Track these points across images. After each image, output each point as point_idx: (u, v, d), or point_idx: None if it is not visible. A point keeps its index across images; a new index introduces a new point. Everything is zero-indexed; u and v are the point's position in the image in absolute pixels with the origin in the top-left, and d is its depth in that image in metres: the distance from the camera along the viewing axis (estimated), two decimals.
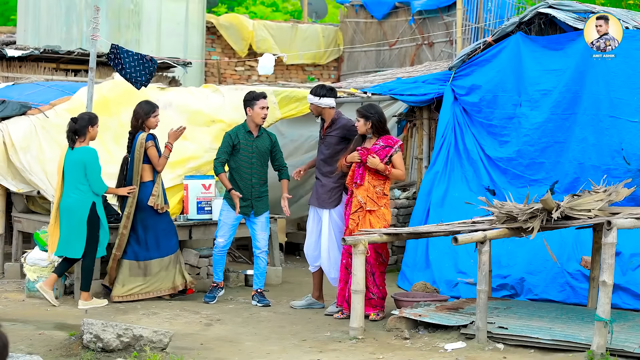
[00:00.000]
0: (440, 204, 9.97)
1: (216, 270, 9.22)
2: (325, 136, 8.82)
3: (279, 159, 9.19)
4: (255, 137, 9.03)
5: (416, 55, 17.08)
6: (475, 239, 7.21)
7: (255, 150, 9.02)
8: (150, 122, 8.96)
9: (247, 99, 9.04)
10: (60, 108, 10.14)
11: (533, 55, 9.55)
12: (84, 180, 8.62)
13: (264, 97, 9.05)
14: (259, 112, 8.97)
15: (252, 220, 9.13)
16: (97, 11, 9.04)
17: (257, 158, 9.03)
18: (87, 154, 8.65)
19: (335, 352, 7.08)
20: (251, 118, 9.01)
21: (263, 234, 9.14)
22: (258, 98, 8.99)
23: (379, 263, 8.36)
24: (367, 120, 8.36)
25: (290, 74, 18.57)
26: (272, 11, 25.24)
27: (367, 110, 8.41)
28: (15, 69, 13.42)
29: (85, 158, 8.62)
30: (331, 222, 8.73)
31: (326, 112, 8.80)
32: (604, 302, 6.70)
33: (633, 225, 7.05)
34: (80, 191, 8.63)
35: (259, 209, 9.09)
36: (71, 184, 8.64)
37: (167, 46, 15.71)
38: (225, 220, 9.12)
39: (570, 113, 9.31)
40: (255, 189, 9.04)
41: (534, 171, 9.54)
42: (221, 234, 9.13)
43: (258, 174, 9.05)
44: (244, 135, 9.02)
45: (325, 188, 8.73)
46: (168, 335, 6.75)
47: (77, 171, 8.62)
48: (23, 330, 7.41)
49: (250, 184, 9.03)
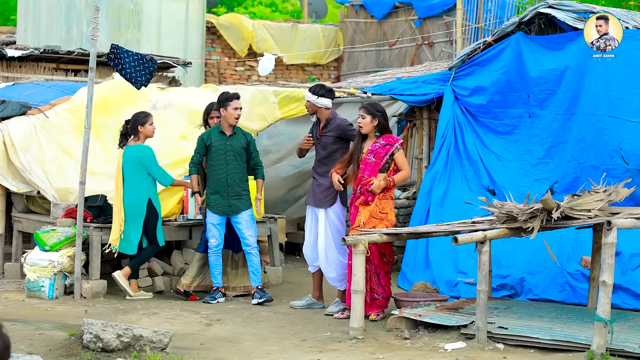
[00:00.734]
0: (440, 204, 9.96)
1: (214, 273, 9.20)
2: (321, 137, 8.84)
3: (254, 158, 9.27)
4: (228, 136, 9.11)
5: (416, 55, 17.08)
6: (475, 239, 7.21)
7: (230, 150, 9.10)
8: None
9: (220, 99, 9.17)
10: (60, 108, 10.14)
11: (534, 55, 9.55)
12: (139, 178, 9.00)
13: (237, 97, 9.14)
14: (232, 112, 9.07)
15: (235, 220, 9.15)
16: (97, 11, 9.04)
17: (232, 157, 9.11)
18: (141, 152, 9.03)
19: (335, 352, 7.08)
20: (224, 118, 9.13)
21: (249, 231, 9.16)
22: (231, 99, 9.09)
23: (384, 263, 8.35)
24: (374, 118, 8.33)
25: (290, 74, 18.57)
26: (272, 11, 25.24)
27: (374, 107, 8.39)
28: (15, 69, 13.42)
29: (139, 155, 9.00)
30: (328, 222, 8.74)
31: (321, 112, 8.83)
32: (604, 302, 6.69)
33: (633, 225, 7.05)
34: (136, 188, 9.00)
35: (238, 208, 9.12)
36: (128, 181, 9.03)
37: (167, 46, 15.72)
38: (210, 221, 9.16)
39: (571, 113, 9.31)
40: (232, 188, 9.10)
41: (539, 171, 9.54)
42: (211, 234, 9.17)
43: (234, 174, 9.10)
44: (217, 135, 9.16)
45: (321, 187, 8.75)
46: (168, 335, 6.75)
47: (132, 169, 9.00)
48: (23, 330, 7.41)
49: (225, 184, 9.10)
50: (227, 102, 9.09)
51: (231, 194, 9.11)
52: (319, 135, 8.88)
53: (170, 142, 10.25)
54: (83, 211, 9.06)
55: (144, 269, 9.59)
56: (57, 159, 9.85)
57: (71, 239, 9.13)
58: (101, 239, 9.24)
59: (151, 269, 9.67)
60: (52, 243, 9.09)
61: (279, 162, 12.63)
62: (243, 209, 9.15)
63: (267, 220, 10.32)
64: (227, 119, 9.11)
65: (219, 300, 9.14)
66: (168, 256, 10.14)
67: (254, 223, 9.25)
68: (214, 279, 9.20)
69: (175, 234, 9.82)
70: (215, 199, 9.12)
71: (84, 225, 9.09)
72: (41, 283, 8.98)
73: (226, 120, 9.13)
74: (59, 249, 9.10)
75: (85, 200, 9.12)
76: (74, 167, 9.59)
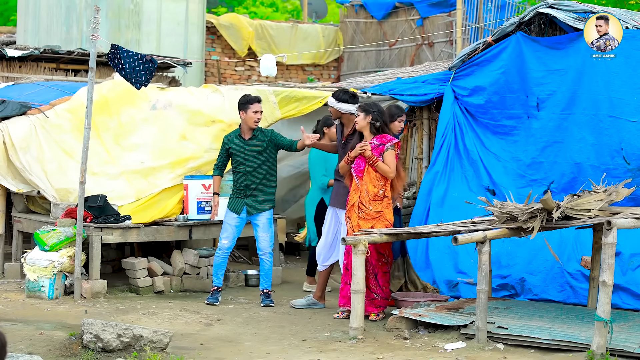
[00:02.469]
0: (440, 204, 9.96)
1: (217, 273, 9.18)
2: (346, 142, 8.82)
3: (283, 142, 9.24)
4: (247, 139, 9.10)
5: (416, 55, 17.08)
6: (475, 239, 7.21)
7: (248, 153, 9.10)
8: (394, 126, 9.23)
9: (241, 102, 9.16)
10: (60, 108, 10.14)
11: (535, 55, 9.54)
12: (311, 178, 9.62)
13: (259, 101, 9.13)
14: (252, 116, 9.07)
15: (254, 222, 9.16)
16: (97, 11, 9.04)
17: (251, 160, 9.10)
18: (310, 153, 9.67)
19: (335, 352, 7.08)
20: (244, 121, 9.14)
21: (265, 235, 9.15)
22: (252, 102, 9.08)
23: (382, 263, 8.35)
24: (368, 114, 8.34)
25: (290, 74, 18.57)
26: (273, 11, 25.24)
27: (370, 105, 8.42)
28: (15, 69, 13.41)
29: (310, 156, 9.73)
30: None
31: (345, 118, 8.84)
32: (604, 302, 6.70)
33: (633, 225, 7.05)
34: (312, 188, 9.58)
35: (252, 209, 9.11)
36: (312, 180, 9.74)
37: (167, 46, 15.71)
38: (228, 222, 9.15)
39: (569, 113, 9.31)
40: (250, 189, 9.09)
41: (534, 171, 9.54)
42: (225, 235, 9.15)
43: (254, 175, 9.10)
44: (236, 138, 9.18)
45: (347, 189, 8.67)
46: (168, 335, 6.75)
47: (310, 169, 9.75)
48: (23, 330, 7.41)
49: (244, 184, 9.11)
50: (248, 105, 9.08)
51: (249, 194, 9.10)
52: (343, 139, 8.87)
53: (170, 142, 10.24)
54: (83, 211, 9.05)
55: (144, 269, 9.59)
56: (57, 159, 9.85)
57: (71, 239, 9.13)
58: (101, 239, 9.24)
59: (151, 269, 9.66)
60: (52, 243, 9.09)
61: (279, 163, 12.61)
62: (257, 210, 9.14)
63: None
64: (247, 122, 9.11)
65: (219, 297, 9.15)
66: (168, 256, 10.14)
67: (271, 227, 9.23)
68: (215, 277, 9.19)
69: (175, 234, 9.81)
70: (234, 199, 9.15)
71: (84, 225, 9.09)
72: (41, 283, 8.98)
73: (246, 123, 9.12)
74: (59, 249, 9.10)
75: (85, 200, 9.12)
76: (74, 167, 9.58)
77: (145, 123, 10.30)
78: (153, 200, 9.84)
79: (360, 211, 8.26)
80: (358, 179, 8.32)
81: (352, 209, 8.31)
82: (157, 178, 9.97)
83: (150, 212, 9.73)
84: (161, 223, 9.73)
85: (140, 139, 10.20)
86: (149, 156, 10.10)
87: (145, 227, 9.56)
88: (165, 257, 10.17)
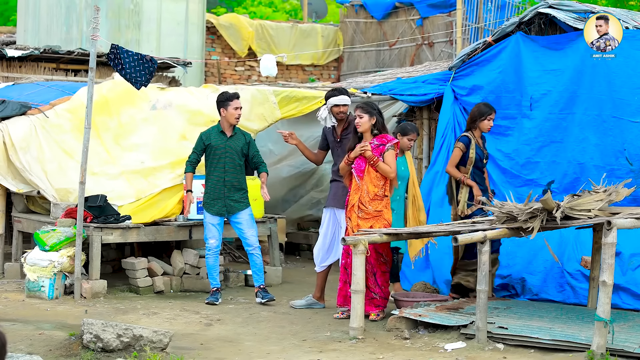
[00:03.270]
0: (440, 204, 9.96)
1: (212, 275, 9.15)
2: (342, 139, 8.81)
3: (255, 156, 9.23)
4: (228, 137, 9.11)
5: (416, 55, 17.08)
6: (475, 239, 7.21)
7: (229, 151, 9.10)
8: (483, 124, 8.92)
9: (220, 99, 9.14)
10: (60, 108, 10.14)
11: (533, 55, 9.55)
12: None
13: (237, 97, 9.14)
14: (232, 112, 9.07)
15: (235, 220, 9.14)
16: (97, 11, 9.04)
17: (230, 158, 9.09)
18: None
19: (335, 352, 7.08)
20: (225, 118, 9.12)
21: (251, 230, 9.15)
22: (232, 99, 9.08)
23: (380, 263, 8.35)
24: (372, 117, 8.33)
25: (290, 74, 18.57)
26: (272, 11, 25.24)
27: (371, 106, 8.40)
28: (15, 69, 13.41)
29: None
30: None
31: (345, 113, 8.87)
32: (604, 302, 6.70)
33: (633, 225, 7.05)
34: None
35: (234, 208, 9.11)
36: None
37: (167, 46, 15.71)
38: (210, 222, 9.15)
39: (568, 113, 9.31)
40: (228, 188, 9.08)
41: (529, 170, 9.55)
42: (211, 235, 9.14)
43: (232, 174, 9.09)
44: (217, 135, 9.15)
45: (346, 189, 8.67)
46: (168, 335, 6.75)
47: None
48: (23, 330, 7.41)
49: (222, 184, 9.11)
50: (228, 102, 9.08)
51: (228, 194, 9.10)
52: (338, 137, 8.87)
53: (170, 142, 10.24)
54: (83, 211, 9.05)
55: (144, 269, 9.59)
56: (57, 159, 9.84)
57: (71, 239, 9.13)
58: (101, 239, 9.24)
59: (151, 269, 9.66)
60: (52, 243, 9.09)
61: (279, 163, 12.63)
62: (241, 209, 9.13)
63: (267, 220, 10.33)
64: (228, 119, 9.10)
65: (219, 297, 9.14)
66: (168, 256, 10.14)
67: (254, 222, 9.24)
68: (212, 279, 9.17)
69: (175, 234, 9.81)
70: (212, 199, 9.12)
71: (84, 225, 9.09)
72: (41, 283, 8.98)
73: (227, 120, 9.12)
74: (59, 249, 9.10)
75: (85, 200, 9.12)
76: (74, 167, 9.58)
77: (145, 123, 10.30)
78: (153, 200, 9.84)
79: (360, 211, 8.26)
80: (359, 179, 8.31)
81: (352, 209, 8.31)
82: (157, 178, 9.97)
83: (150, 212, 9.73)
84: (161, 223, 9.73)
85: (140, 139, 10.21)
86: (149, 156, 10.10)
87: (145, 227, 9.56)
88: (165, 257, 10.17)
